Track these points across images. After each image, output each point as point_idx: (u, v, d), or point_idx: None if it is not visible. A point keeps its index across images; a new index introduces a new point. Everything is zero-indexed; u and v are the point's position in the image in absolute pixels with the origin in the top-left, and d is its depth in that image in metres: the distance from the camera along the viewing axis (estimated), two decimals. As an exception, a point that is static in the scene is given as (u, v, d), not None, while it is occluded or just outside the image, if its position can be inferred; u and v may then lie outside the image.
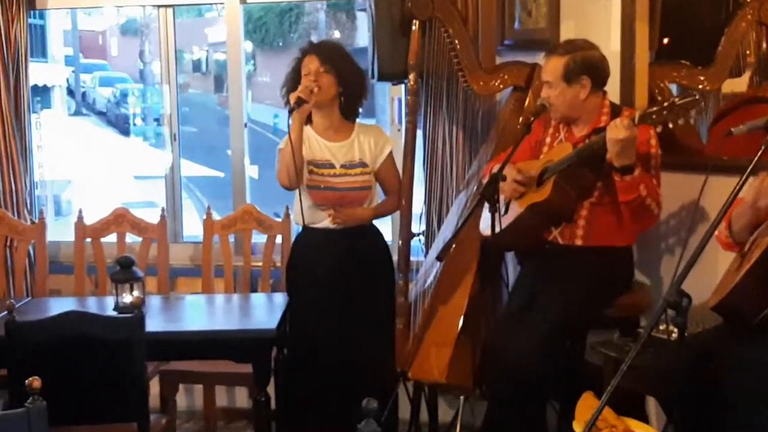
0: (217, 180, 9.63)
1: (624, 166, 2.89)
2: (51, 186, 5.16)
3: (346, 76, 3.42)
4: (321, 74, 3.37)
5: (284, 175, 3.34)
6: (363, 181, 3.45)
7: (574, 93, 3.10)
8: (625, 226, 3.11)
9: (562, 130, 3.25)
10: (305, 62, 3.41)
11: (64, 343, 2.83)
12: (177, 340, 3.24)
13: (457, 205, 3.78)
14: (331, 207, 3.41)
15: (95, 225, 4.12)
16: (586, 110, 3.15)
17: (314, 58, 3.39)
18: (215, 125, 12.15)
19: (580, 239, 3.15)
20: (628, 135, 2.81)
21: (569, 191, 3.10)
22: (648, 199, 2.97)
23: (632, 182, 2.92)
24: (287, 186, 3.36)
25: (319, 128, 3.47)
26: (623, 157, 2.87)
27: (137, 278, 3.42)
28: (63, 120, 9.65)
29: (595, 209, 3.12)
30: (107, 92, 14.05)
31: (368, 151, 3.48)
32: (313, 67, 3.37)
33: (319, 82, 3.35)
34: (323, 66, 3.37)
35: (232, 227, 4.12)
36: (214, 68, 14.34)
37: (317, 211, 3.42)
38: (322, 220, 3.43)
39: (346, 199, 3.42)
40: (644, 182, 2.95)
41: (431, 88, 3.70)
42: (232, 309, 3.82)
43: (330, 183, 3.41)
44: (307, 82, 3.34)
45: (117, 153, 10.43)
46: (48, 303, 3.79)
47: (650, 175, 3.03)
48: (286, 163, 3.31)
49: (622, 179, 2.92)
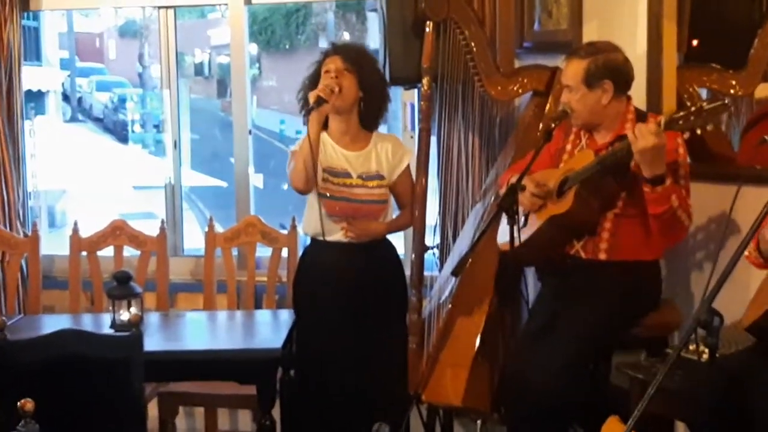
0: (220, 190, 9.65)
1: (655, 177, 2.87)
2: (45, 196, 5.18)
3: (369, 81, 3.40)
4: (343, 74, 3.35)
5: (300, 177, 3.30)
6: (380, 194, 3.43)
7: (596, 98, 3.09)
8: (652, 240, 3.09)
9: (584, 137, 3.25)
10: (326, 62, 3.39)
11: (58, 363, 2.82)
12: (177, 359, 3.24)
13: (473, 216, 3.77)
14: (344, 219, 3.39)
15: (91, 238, 4.13)
16: (608, 116, 3.14)
17: (337, 58, 3.38)
18: (218, 132, 12.19)
19: (604, 253, 3.13)
20: (656, 142, 2.79)
21: (592, 202, 3.09)
22: (679, 210, 2.95)
23: (664, 193, 2.90)
24: (302, 189, 3.34)
25: (335, 135, 3.45)
26: (654, 167, 2.85)
27: (135, 294, 3.43)
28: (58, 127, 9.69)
29: (619, 221, 3.11)
30: (104, 97, 14.11)
31: (385, 161, 3.46)
32: (335, 67, 3.35)
33: (340, 82, 3.33)
34: (345, 65, 3.36)
35: (236, 240, 4.13)
36: (217, 72, 14.39)
37: (329, 223, 3.40)
38: (333, 233, 3.41)
39: (362, 212, 3.40)
40: (675, 193, 2.93)
41: (446, 93, 3.70)
42: (235, 327, 3.82)
43: (346, 193, 3.39)
44: (328, 80, 3.32)
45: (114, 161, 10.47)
46: (41, 320, 3.80)
47: (680, 185, 3.01)
48: (304, 163, 3.28)
49: (653, 190, 2.90)
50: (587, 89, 3.08)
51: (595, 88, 3.08)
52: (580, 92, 3.09)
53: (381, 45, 3.74)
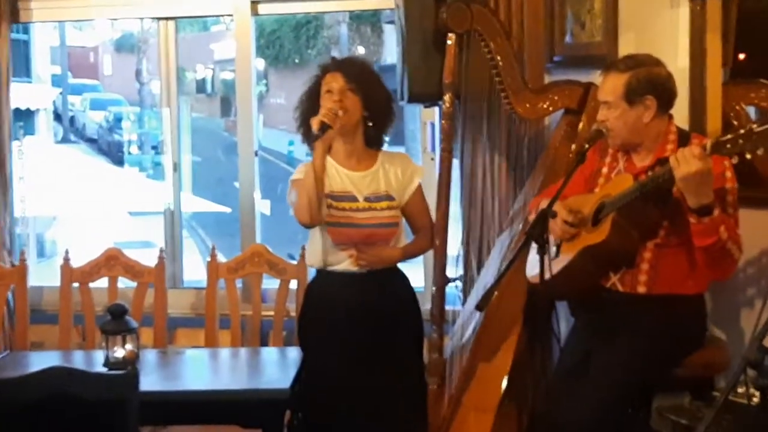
0: (223, 216, 9.70)
1: (702, 207, 2.84)
2: (33, 223, 5.22)
3: (373, 99, 3.39)
4: (346, 94, 3.34)
5: (305, 211, 3.29)
6: (390, 216, 3.41)
7: (637, 115, 3.09)
8: (697, 272, 3.07)
9: (621, 159, 3.24)
10: (327, 80, 3.38)
11: (47, 403, 2.82)
12: (176, 401, 3.24)
13: (499, 246, 3.77)
14: (352, 247, 3.39)
15: (83, 268, 4.14)
16: (649, 136, 3.13)
17: (338, 75, 3.36)
18: (221, 153, 12.27)
19: (644, 286, 3.12)
20: (701, 167, 2.76)
21: (631, 232, 3.07)
22: (729, 242, 2.91)
23: (711, 224, 2.87)
24: (308, 223, 3.32)
25: (339, 156, 3.44)
26: (700, 196, 2.82)
27: (131, 329, 3.43)
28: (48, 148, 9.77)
29: (660, 252, 3.09)
30: (99, 116, 14.24)
31: (394, 181, 3.44)
32: (337, 86, 3.34)
33: (343, 104, 3.32)
34: (349, 85, 3.35)
35: (240, 271, 4.13)
36: (221, 89, 14.52)
37: (336, 252, 3.39)
38: (341, 262, 3.40)
39: (372, 238, 3.38)
40: (725, 223, 2.90)
41: (469, 112, 3.71)
42: (240, 365, 3.82)
43: (352, 219, 3.37)
44: (330, 103, 3.31)
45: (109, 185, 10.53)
46: (28, 357, 3.81)
47: (728, 214, 3.00)
48: (308, 196, 3.27)
49: (700, 221, 2.87)
50: (627, 106, 3.08)
51: (637, 104, 3.08)
52: (619, 109, 3.08)
53: (399, 59, 3.76)
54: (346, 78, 3.34)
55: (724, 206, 2.98)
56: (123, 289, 4.20)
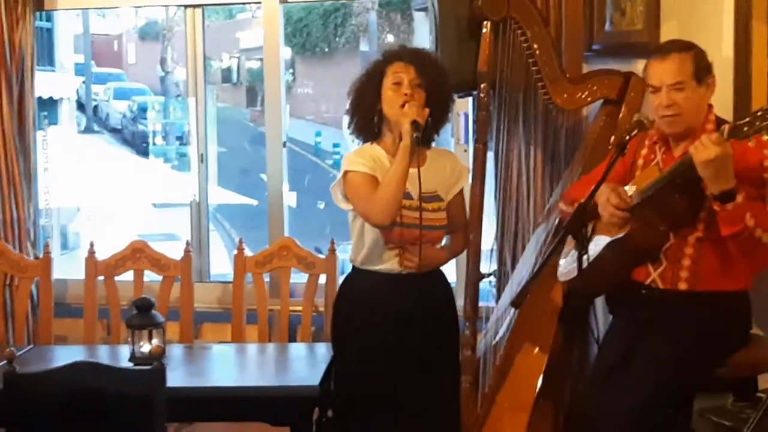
0: (249, 209, 9.70)
1: (723, 193, 2.85)
2: (57, 215, 5.24)
3: (437, 97, 3.27)
4: (416, 89, 3.22)
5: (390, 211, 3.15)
6: (441, 218, 3.30)
7: (703, 95, 3.09)
8: (737, 267, 3.06)
9: (659, 151, 3.22)
10: (395, 70, 3.25)
11: (72, 398, 2.84)
12: (202, 397, 3.25)
13: (535, 240, 3.75)
14: (400, 246, 3.28)
15: (108, 261, 4.16)
16: (700, 122, 3.12)
17: (410, 67, 3.23)
18: (247, 144, 12.27)
19: (685, 283, 3.10)
20: (719, 153, 2.77)
21: (657, 224, 3.06)
22: (758, 230, 2.91)
23: (735, 211, 2.87)
24: (386, 224, 3.19)
25: (392, 150, 3.27)
26: (720, 181, 2.83)
27: (157, 324, 3.45)
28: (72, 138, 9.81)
29: (702, 246, 3.07)
30: (123, 106, 14.26)
31: (443, 180, 3.33)
32: (408, 79, 3.22)
33: (414, 98, 3.20)
34: (419, 79, 3.23)
35: (268, 265, 4.13)
36: (247, 78, 14.51)
37: (384, 251, 3.29)
38: (386, 262, 3.30)
39: (424, 239, 3.26)
40: (751, 210, 2.89)
41: (505, 102, 3.69)
42: (267, 361, 3.83)
43: (407, 218, 3.23)
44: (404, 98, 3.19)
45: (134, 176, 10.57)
46: (53, 351, 3.84)
47: (763, 202, 2.98)
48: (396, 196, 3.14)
49: (723, 208, 2.87)
50: (697, 84, 3.06)
51: (703, 83, 3.07)
52: (690, 89, 3.05)
53: (432, 47, 3.74)
54: (418, 72, 3.23)
55: (763, 196, 2.98)
56: (149, 283, 4.21)
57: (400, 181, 3.14)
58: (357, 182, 3.24)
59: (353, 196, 3.26)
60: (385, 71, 3.27)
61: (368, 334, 3.30)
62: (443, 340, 3.35)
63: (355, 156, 3.28)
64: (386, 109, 3.25)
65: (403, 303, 3.27)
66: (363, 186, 3.23)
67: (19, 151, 4.34)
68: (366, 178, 3.23)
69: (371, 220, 3.22)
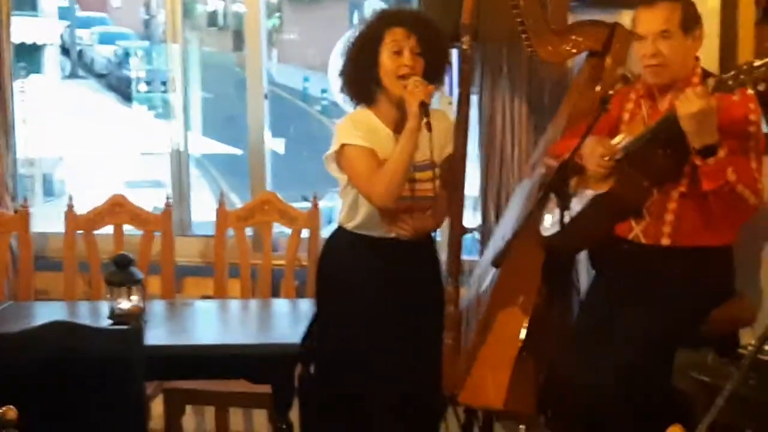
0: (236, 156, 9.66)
1: (705, 147, 2.83)
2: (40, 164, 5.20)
3: (435, 67, 3.18)
4: (416, 57, 3.11)
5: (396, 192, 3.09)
6: (433, 188, 3.24)
7: (689, 46, 3.07)
8: (719, 222, 3.06)
9: (645, 105, 3.20)
10: (396, 37, 3.12)
11: (49, 358, 2.82)
12: (182, 355, 3.24)
13: (519, 193, 3.73)
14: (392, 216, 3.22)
15: (88, 215, 4.12)
16: (687, 73, 3.09)
17: (412, 36, 3.11)
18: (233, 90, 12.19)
19: (668, 238, 3.11)
20: (702, 106, 2.75)
21: (639, 179, 3.05)
22: (739, 186, 2.90)
23: (717, 166, 2.86)
24: (391, 205, 3.14)
25: (387, 118, 3.20)
26: (703, 135, 2.82)
27: (136, 281, 3.42)
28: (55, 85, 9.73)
29: (685, 202, 3.07)
30: (108, 51, 14.10)
31: (437, 145, 3.22)
32: (409, 48, 3.10)
33: (415, 68, 3.10)
34: (420, 48, 3.12)
35: (250, 219, 4.11)
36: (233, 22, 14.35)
37: (377, 220, 3.24)
38: (376, 229, 3.25)
39: (414, 209, 3.23)
40: (733, 165, 2.89)
41: (489, 54, 3.64)
42: (249, 318, 3.82)
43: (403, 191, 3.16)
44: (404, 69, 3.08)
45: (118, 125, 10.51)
46: (32, 308, 3.82)
47: (746, 157, 2.96)
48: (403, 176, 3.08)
49: (705, 163, 2.86)
50: (684, 35, 3.03)
51: (690, 34, 3.05)
52: (676, 39, 3.03)
53: (415, 0, 3.69)
54: (419, 40, 3.12)
55: (745, 150, 2.97)
56: (129, 236, 4.17)
57: (406, 164, 3.07)
58: (356, 157, 3.14)
59: (352, 172, 3.17)
60: (383, 36, 3.13)
61: (353, 296, 3.28)
62: (428, 303, 3.34)
63: (351, 127, 3.18)
64: (385, 77, 3.13)
65: (390, 266, 3.25)
66: (363, 162, 3.13)
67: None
68: (365, 153, 3.13)
69: (373, 201, 3.15)
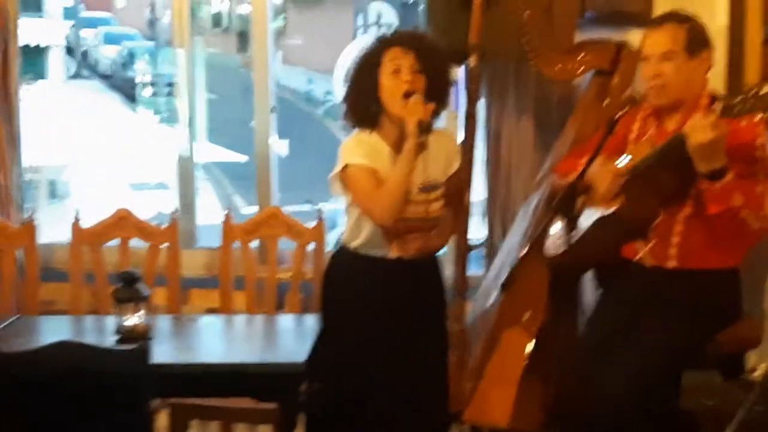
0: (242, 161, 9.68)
1: (713, 171, 2.83)
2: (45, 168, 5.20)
3: (437, 84, 3.17)
4: (416, 75, 3.11)
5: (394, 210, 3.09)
6: (438, 209, 3.23)
7: (694, 69, 3.04)
8: (726, 244, 3.06)
9: (652, 124, 3.19)
10: (393, 56, 3.13)
11: (57, 378, 2.83)
12: (188, 373, 3.23)
13: (524, 210, 3.74)
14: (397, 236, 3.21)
15: (94, 229, 4.10)
16: (693, 96, 3.08)
17: (409, 53, 3.11)
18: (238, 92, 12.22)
19: (674, 260, 3.10)
20: (715, 136, 2.74)
21: (646, 201, 3.06)
22: (744, 210, 2.89)
23: (723, 190, 2.85)
24: (390, 223, 3.13)
25: (390, 139, 3.19)
26: (711, 160, 2.81)
27: (142, 297, 3.42)
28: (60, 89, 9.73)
29: (692, 224, 3.06)
30: (113, 51, 14.13)
31: (441, 164, 3.23)
32: (408, 65, 3.10)
33: (415, 86, 3.10)
34: (419, 65, 3.11)
35: (256, 233, 4.10)
36: (238, 24, 14.39)
37: (381, 240, 3.23)
38: (382, 248, 3.25)
39: (418, 229, 3.22)
40: (740, 189, 2.87)
41: (496, 72, 3.65)
42: (255, 334, 3.80)
43: (408, 212, 3.16)
44: (405, 87, 3.07)
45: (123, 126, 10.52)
46: (39, 323, 3.81)
47: (752, 182, 2.95)
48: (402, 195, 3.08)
49: (711, 186, 2.86)
50: (688, 57, 3.02)
51: (696, 56, 3.03)
52: (679, 60, 3.02)
53: (424, 16, 3.69)
54: (418, 59, 3.12)
55: (753, 173, 2.95)
56: (135, 249, 4.17)
57: (404, 183, 3.07)
58: (358, 177, 3.15)
59: (354, 191, 3.19)
60: (382, 58, 3.14)
61: (358, 316, 3.29)
62: (432, 322, 3.34)
63: (355, 147, 3.19)
64: (385, 98, 3.13)
65: (393, 286, 3.25)
66: (364, 181, 3.15)
67: (4, 117, 4.26)
68: (367, 171, 3.14)
69: (374, 219, 3.15)
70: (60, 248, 4.40)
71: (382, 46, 3.17)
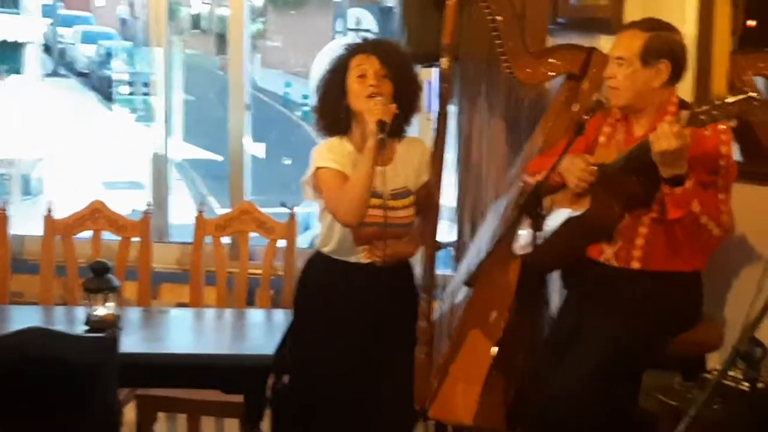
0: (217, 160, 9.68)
1: (675, 176, 2.88)
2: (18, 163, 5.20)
3: (405, 88, 3.25)
4: (382, 80, 3.20)
5: (358, 212, 3.14)
6: (409, 216, 3.32)
7: (647, 78, 3.08)
8: (687, 248, 3.10)
9: (621, 129, 3.24)
10: (358, 62, 3.23)
11: (24, 365, 2.84)
12: (156, 363, 3.26)
13: (494, 210, 3.77)
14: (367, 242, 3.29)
15: (67, 220, 4.12)
16: (653, 103, 3.13)
17: (374, 59, 3.20)
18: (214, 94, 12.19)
19: (638, 262, 3.14)
20: (679, 145, 2.79)
21: (612, 204, 3.10)
22: (704, 217, 2.94)
23: (683, 196, 2.90)
24: (354, 224, 3.20)
25: (360, 144, 3.24)
26: (674, 167, 2.86)
27: (112, 288, 3.44)
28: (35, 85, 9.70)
29: (656, 227, 3.10)
30: (90, 50, 14.06)
31: (413, 171, 3.33)
32: (372, 70, 3.19)
33: (380, 89, 3.17)
34: (384, 70, 3.20)
35: (228, 228, 4.13)
36: (217, 25, 14.35)
37: (352, 246, 3.31)
38: (354, 254, 3.32)
39: (389, 236, 3.27)
40: (698, 197, 2.93)
41: (468, 73, 3.68)
42: (224, 327, 3.83)
43: (377, 218, 3.22)
44: (370, 89, 3.15)
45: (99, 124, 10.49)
46: (8, 312, 3.82)
47: (713, 190, 3.01)
48: (364, 196, 3.13)
49: (672, 191, 2.90)
50: (641, 65, 3.07)
51: (650, 66, 3.07)
52: (632, 67, 3.07)
53: (397, 15, 3.72)
54: (381, 62, 3.21)
55: (712, 182, 3.01)
56: (108, 242, 4.19)
57: (366, 182, 3.12)
58: (326, 179, 3.23)
59: (324, 193, 3.25)
60: (348, 65, 3.23)
61: (330, 318, 3.35)
62: (403, 326, 3.38)
63: (326, 151, 3.26)
64: (353, 102, 3.22)
65: (365, 291, 3.32)
66: (332, 183, 3.22)
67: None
68: (336, 174, 3.22)
69: (339, 219, 3.21)
70: (31, 240, 4.40)
71: (348, 53, 3.26)
